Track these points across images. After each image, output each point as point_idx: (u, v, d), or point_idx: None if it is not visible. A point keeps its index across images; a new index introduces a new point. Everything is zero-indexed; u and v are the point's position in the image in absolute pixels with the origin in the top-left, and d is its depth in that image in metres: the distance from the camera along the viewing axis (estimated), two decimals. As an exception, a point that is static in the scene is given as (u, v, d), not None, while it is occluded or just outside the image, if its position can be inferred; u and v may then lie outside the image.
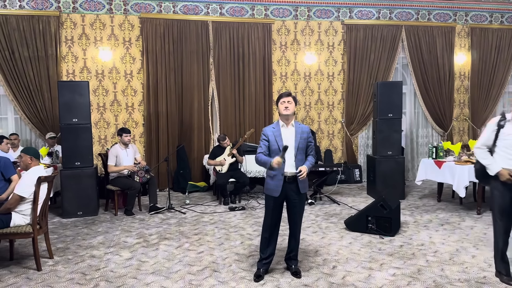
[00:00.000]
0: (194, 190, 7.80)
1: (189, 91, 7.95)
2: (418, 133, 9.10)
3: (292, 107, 3.69)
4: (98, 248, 4.65)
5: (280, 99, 3.73)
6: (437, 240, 4.73)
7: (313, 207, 6.45)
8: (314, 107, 8.66)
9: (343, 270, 3.88)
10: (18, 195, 3.89)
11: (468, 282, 3.58)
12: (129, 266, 4.08)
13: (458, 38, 9.00)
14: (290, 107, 3.68)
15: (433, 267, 3.93)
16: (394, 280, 3.65)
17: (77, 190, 6.03)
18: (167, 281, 3.70)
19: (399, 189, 6.88)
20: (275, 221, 3.77)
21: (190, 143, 8.06)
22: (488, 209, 6.10)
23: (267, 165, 3.63)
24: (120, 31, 7.73)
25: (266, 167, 3.68)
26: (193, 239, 4.93)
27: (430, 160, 6.42)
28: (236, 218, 5.87)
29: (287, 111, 3.67)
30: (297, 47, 8.49)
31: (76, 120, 6.04)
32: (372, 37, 8.54)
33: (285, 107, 3.67)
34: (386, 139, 6.92)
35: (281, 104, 3.71)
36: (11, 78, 7.19)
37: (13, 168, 4.76)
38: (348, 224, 5.18)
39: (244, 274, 3.83)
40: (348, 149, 8.72)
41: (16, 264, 4.18)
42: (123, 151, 6.34)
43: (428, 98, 8.83)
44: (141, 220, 5.85)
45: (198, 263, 4.13)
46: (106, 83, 7.76)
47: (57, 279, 3.79)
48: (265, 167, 3.73)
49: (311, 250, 4.46)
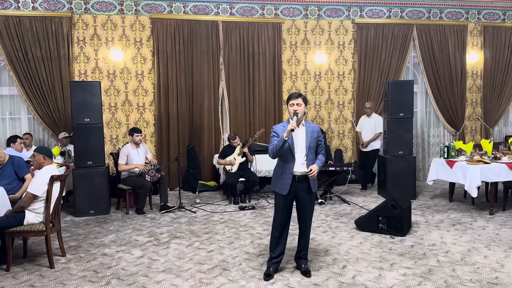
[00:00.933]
0: (204, 189, 7.84)
1: (199, 91, 7.99)
2: (430, 132, 9.02)
3: (301, 109, 3.66)
4: (109, 246, 4.70)
5: (289, 100, 3.71)
6: (448, 240, 4.69)
7: (323, 207, 6.44)
8: (324, 106, 8.64)
9: (353, 270, 3.87)
10: (32, 193, 3.95)
11: (480, 283, 3.55)
12: (140, 264, 4.12)
13: (471, 37, 8.90)
14: (300, 109, 3.64)
15: (444, 267, 3.90)
16: (405, 280, 3.63)
17: (89, 189, 6.10)
18: (177, 279, 3.73)
19: (410, 189, 6.80)
20: (285, 220, 3.77)
21: (200, 143, 8.10)
22: (500, 209, 6.03)
23: (282, 138, 3.53)
24: (131, 32, 7.80)
25: (281, 143, 3.54)
26: (203, 238, 4.96)
27: (441, 159, 6.36)
28: (246, 217, 5.89)
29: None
30: (307, 47, 8.48)
31: (88, 120, 6.11)
32: (383, 36, 8.49)
33: (294, 110, 3.65)
34: (397, 139, 6.88)
35: (290, 107, 3.68)
36: (24, 78, 7.29)
37: (26, 167, 4.85)
38: (359, 224, 5.16)
39: (254, 273, 3.84)
40: (358, 149, 8.67)
41: (29, 261, 4.25)
42: (134, 150, 6.39)
43: (440, 97, 8.75)
44: (152, 219, 5.90)
45: (208, 262, 4.15)
46: (117, 83, 7.83)
47: (70, 276, 3.85)
48: (281, 147, 3.56)
49: (321, 250, 4.45)
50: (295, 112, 3.63)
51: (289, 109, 3.71)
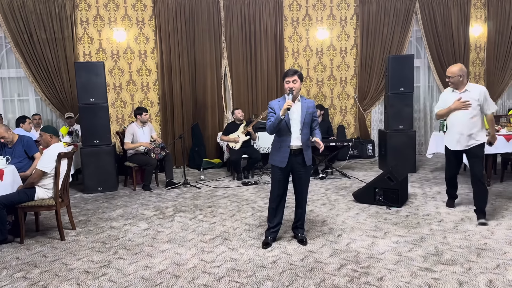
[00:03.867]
0: (209, 166, 8.03)
1: (202, 69, 8.09)
2: (432, 107, 9.05)
3: (297, 86, 3.79)
4: (117, 220, 4.93)
5: (285, 77, 3.83)
6: (443, 211, 4.83)
7: (324, 181, 6.59)
8: (326, 83, 8.69)
9: (348, 238, 4.05)
10: (41, 170, 4.15)
11: (468, 249, 3.70)
12: (146, 236, 4.33)
13: (474, 9, 8.82)
14: (295, 86, 3.77)
15: (436, 235, 4.05)
16: (396, 247, 3.80)
17: (97, 166, 6.32)
18: (181, 248, 3.94)
19: (410, 162, 6.95)
20: (282, 192, 3.93)
21: (204, 121, 8.25)
22: (498, 181, 6.13)
23: (278, 117, 3.66)
24: (133, 12, 7.87)
25: (278, 121, 3.67)
26: (206, 211, 5.16)
27: (440, 133, 6.44)
28: (249, 192, 6.08)
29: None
30: (309, 23, 8.49)
31: (94, 100, 6.27)
32: (385, 11, 8.45)
33: (289, 88, 3.76)
34: (398, 113, 6.96)
35: (286, 84, 3.81)
36: (30, 60, 7.45)
37: (35, 146, 5.05)
38: (356, 196, 5.32)
39: (253, 242, 4.04)
40: (361, 124, 8.77)
41: (41, 234, 4.49)
42: (139, 129, 6.56)
43: (443, 71, 8.70)
44: (158, 194, 6.11)
45: (210, 233, 4.35)
46: (121, 63, 7.96)
47: (79, 247, 4.08)
48: (277, 125, 3.70)
49: (319, 221, 4.63)
50: (290, 89, 3.74)
51: (285, 86, 3.82)
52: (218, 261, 3.63)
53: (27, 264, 3.70)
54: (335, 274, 3.29)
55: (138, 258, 3.75)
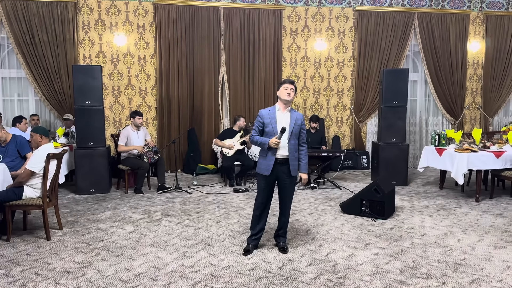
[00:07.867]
0: (203, 172, 8.09)
1: (200, 76, 8.19)
2: (428, 121, 9.10)
3: (293, 95, 3.88)
4: (104, 222, 4.98)
5: (283, 84, 3.90)
6: (427, 224, 4.85)
7: (315, 191, 6.63)
8: (323, 93, 8.76)
9: (329, 248, 4.08)
10: (29, 169, 4.23)
11: (446, 263, 3.72)
12: (130, 239, 4.39)
13: (473, 26, 8.88)
14: (292, 94, 3.86)
15: (416, 249, 4.07)
16: (375, 258, 3.82)
17: (90, 168, 6.39)
18: (162, 252, 3.99)
19: (402, 175, 6.97)
20: (266, 200, 3.98)
21: (201, 127, 8.33)
22: (488, 196, 6.15)
23: (265, 145, 3.80)
24: (135, 17, 8.00)
25: (264, 147, 3.84)
26: (193, 216, 5.21)
27: (432, 147, 6.47)
28: (239, 199, 6.12)
29: (288, 97, 3.84)
30: (307, 34, 8.58)
31: (89, 103, 6.36)
32: (384, 24, 8.53)
33: (287, 93, 3.84)
34: (391, 126, 7.00)
35: (284, 89, 3.87)
36: (31, 61, 7.58)
37: (28, 146, 5.13)
38: (343, 207, 5.35)
39: (235, 248, 4.08)
40: (356, 136, 8.81)
41: (28, 233, 4.55)
42: (134, 133, 6.64)
43: (440, 86, 8.79)
44: (149, 198, 6.17)
45: (194, 238, 4.40)
46: (120, 67, 8.07)
47: (64, 247, 4.13)
48: (262, 147, 3.88)
49: (303, 230, 4.66)
50: (283, 129, 3.76)
51: (281, 91, 3.89)
52: (197, 266, 3.67)
53: (10, 262, 3.76)
54: (310, 284, 3.32)
55: (119, 260, 3.80)
